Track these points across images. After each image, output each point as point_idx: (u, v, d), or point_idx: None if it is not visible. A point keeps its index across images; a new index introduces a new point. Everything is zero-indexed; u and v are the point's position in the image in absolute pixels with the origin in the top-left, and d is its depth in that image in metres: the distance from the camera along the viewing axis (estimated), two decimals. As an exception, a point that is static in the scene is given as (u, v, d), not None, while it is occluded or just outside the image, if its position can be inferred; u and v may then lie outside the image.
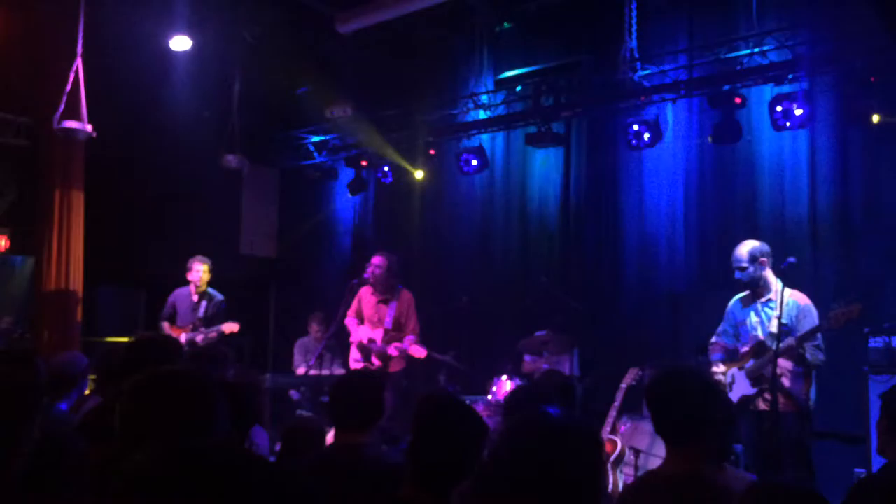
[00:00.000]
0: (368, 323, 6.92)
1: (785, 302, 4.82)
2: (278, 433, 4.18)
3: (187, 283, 7.52)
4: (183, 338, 7.30)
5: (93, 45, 6.82)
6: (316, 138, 9.52)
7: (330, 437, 5.25)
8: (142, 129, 8.25)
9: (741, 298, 5.19)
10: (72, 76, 6.64)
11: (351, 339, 7.02)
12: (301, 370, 8.13)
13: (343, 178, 9.55)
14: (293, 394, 7.89)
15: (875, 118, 5.89)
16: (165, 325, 7.49)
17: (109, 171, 8.03)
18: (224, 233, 9.57)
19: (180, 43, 7.72)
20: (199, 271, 7.41)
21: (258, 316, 9.89)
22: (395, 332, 6.80)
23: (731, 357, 5.21)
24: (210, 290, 7.53)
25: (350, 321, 7.00)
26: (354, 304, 7.00)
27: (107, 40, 7.15)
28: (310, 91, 8.83)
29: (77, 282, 7.70)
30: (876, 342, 5.42)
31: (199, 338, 7.26)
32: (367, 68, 9.04)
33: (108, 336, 8.36)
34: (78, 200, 7.68)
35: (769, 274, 5.00)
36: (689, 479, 2.34)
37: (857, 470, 5.34)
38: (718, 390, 2.64)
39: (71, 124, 6.61)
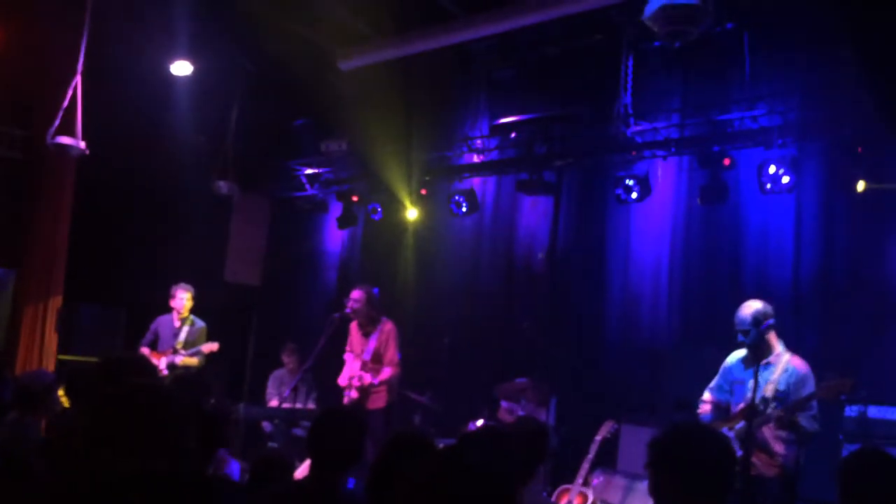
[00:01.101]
0: (356, 357, 6.97)
1: (784, 367, 4.78)
2: (249, 464, 4.12)
3: (170, 309, 7.61)
4: (163, 362, 7.39)
5: (94, 63, 6.87)
6: (309, 171, 9.56)
7: (302, 471, 5.17)
8: (136, 149, 8.27)
9: (742, 358, 5.06)
10: (70, 92, 6.67)
11: (340, 379, 7.03)
12: (274, 402, 8.06)
13: (333, 212, 9.57)
14: (266, 426, 7.79)
15: (860, 186, 5.96)
16: (145, 351, 7.55)
17: (100, 190, 8.04)
18: (209, 258, 9.54)
19: (181, 68, 7.79)
20: (183, 299, 7.58)
21: (237, 344, 9.80)
22: (374, 363, 6.83)
23: (721, 414, 5.09)
24: (192, 317, 7.66)
25: (347, 357, 7.11)
26: (349, 341, 7.12)
27: (108, 59, 7.21)
28: (306, 123, 8.88)
29: (56, 298, 7.63)
30: (851, 411, 5.41)
31: (177, 359, 7.37)
32: (364, 105, 9.12)
33: (85, 354, 8.26)
34: (64, 216, 7.66)
35: (772, 336, 4.91)
36: None
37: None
38: (733, 450, 2.46)
39: (65, 140, 6.62)
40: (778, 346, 4.90)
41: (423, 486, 1.62)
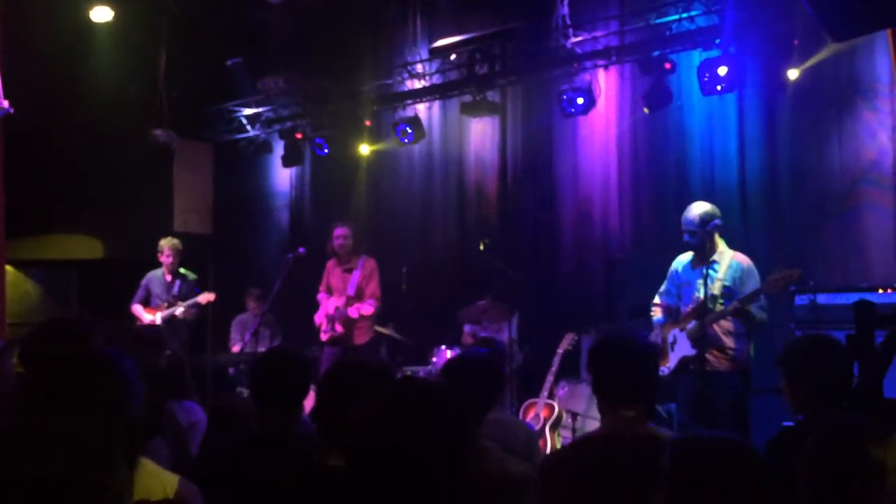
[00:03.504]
0: (336, 294, 6.98)
1: (728, 264, 4.90)
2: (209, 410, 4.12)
3: (158, 264, 7.67)
4: (158, 316, 7.46)
5: (8, 17, 6.53)
6: (248, 111, 9.32)
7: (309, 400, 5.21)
8: (63, 104, 7.97)
9: (687, 260, 5.18)
10: (-15, 50, 6.35)
11: (316, 317, 7.02)
12: (237, 347, 8.06)
13: (278, 152, 9.39)
14: (231, 371, 7.81)
15: (792, 75, 6.01)
16: (137, 308, 7.63)
17: (30, 150, 7.74)
18: (157, 210, 9.32)
19: (101, 13, 7.45)
20: (169, 253, 7.61)
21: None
22: (357, 298, 6.90)
23: (672, 317, 5.25)
24: (183, 269, 7.72)
25: (321, 296, 7.09)
26: (324, 279, 7.10)
27: (23, 11, 6.86)
28: (240, 62, 8.61)
29: (1, 263, 7.43)
30: (802, 300, 5.57)
31: (178, 311, 7.50)
32: (297, 39, 8.86)
33: (38, 318, 8.12)
34: (-3, 179, 7.38)
35: (717, 237, 5.02)
36: (624, 438, 2.39)
37: (785, 423, 5.51)
38: (654, 354, 2.71)
39: (-14, 100, 6.33)
40: (720, 245, 5.02)
41: (379, 414, 1.61)
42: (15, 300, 8.01)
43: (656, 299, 5.38)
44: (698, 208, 5.01)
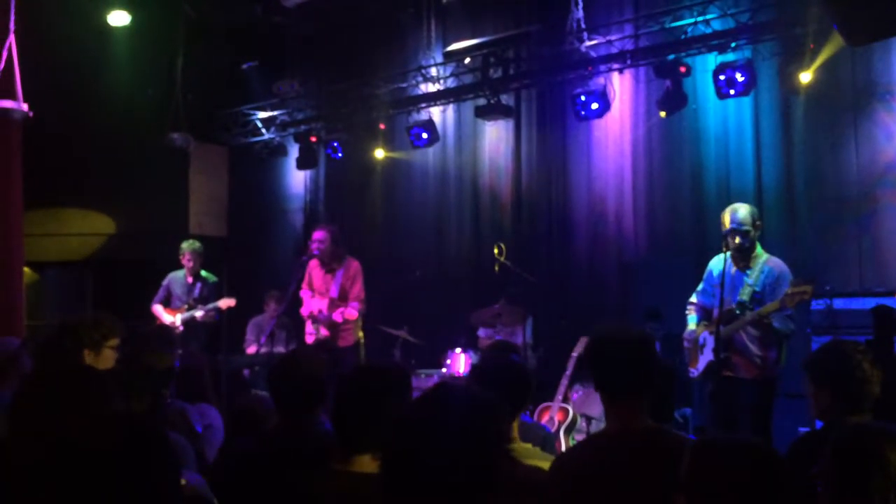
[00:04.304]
0: (318, 295, 6.92)
1: (760, 269, 4.80)
2: (227, 415, 4.14)
3: (181, 266, 7.71)
4: (178, 318, 7.51)
5: (27, 21, 6.58)
6: (263, 114, 9.37)
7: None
8: (81, 107, 8.04)
9: (725, 260, 4.87)
10: (4, 53, 6.40)
11: (302, 311, 7.00)
12: (252, 349, 8.09)
13: (293, 155, 9.42)
14: (246, 373, 7.83)
15: (807, 78, 5.97)
16: (158, 308, 7.67)
17: (49, 152, 7.81)
18: (173, 213, 9.39)
19: (118, 18, 7.51)
20: (189, 257, 7.65)
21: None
22: (341, 300, 6.81)
23: (706, 318, 5.13)
24: (204, 272, 7.75)
25: (304, 294, 7.01)
26: (306, 279, 7.00)
27: (42, 15, 6.92)
28: (255, 66, 8.65)
29: (18, 265, 7.49)
30: (818, 304, 5.55)
31: (198, 314, 7.52)
32: (312, 42, 8.90)
33: (54, 319, 8.19)
34: (16, 182, 7.45)
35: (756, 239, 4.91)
36: (628, 432, 2.37)
37: (801, 429, 5.48)
38: (651, 344, 2.60)
39: (5, 104, 6.38)
40: (757, 248, 4.90)
41: (415, 415, 1.62)
42: (31, 300, 8.07)
43: (693, 298, 5.26)
44: (747, 207, 4.83)
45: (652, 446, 2.34)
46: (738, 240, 4.76)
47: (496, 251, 7.02)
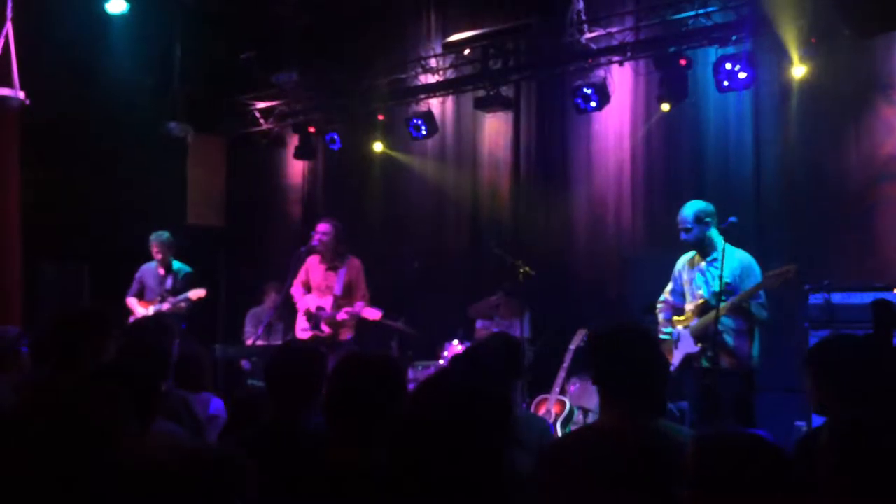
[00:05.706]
0: (317, 291, 6.79)
1: (727, 260, 4.88)
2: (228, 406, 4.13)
3: (152, 258, 7.54)
4: (151, 310, 7.36)
5: (23, 8, 6.55)
6: (261, 105, 9.33)
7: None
8: (79, 96, 7.99)
9: (688, 259, 5.25)
10: (1, 41, 6.37)
11: (298, 306, 6.93)
12: (250, 340, 8.06)
13: (292, 145, 9.40)
14: (245, 364, 7.82)
15: (805, 72, 5.96)
16: (132, 300, 7.53)
17: (45, 141, 7.78)
18: (170, 203, 9.35)
19: (116, 6, 7.47)
20: (157, 250, 7.46)
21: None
22: (345, 299, 6.68)
23: (678, 314, 5.29)
24: (179, 264, 7.57)
25: (296, 291, 6.86)
26: (301, 275, 6.86)
27: (39, 3, 6.88)
28: (253, 56, 8.61)
29: (15, 258, 7.47)
30: (816, 299, 5.54)
31: (165, 307, 7.32)
32: (311, 33, 8.85)
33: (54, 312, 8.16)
34: (13, 171, 7.43)
35: (714, 234, 5.06)
36: (622, 430, 2.37)
37: (797, 423, 5.49)
38: (657, 345, 2.65)
39: (2, 92, 6.35)
40: (719, 242, 5.01)
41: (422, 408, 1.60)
42: (27, 294, 8.04)
43: (663, 297, 5.42)
44: (691, 206, 5.08)
45: (650, 443, 2.33)
46: (681, 236, 5.06)
47: (494, 244, 7.01)
